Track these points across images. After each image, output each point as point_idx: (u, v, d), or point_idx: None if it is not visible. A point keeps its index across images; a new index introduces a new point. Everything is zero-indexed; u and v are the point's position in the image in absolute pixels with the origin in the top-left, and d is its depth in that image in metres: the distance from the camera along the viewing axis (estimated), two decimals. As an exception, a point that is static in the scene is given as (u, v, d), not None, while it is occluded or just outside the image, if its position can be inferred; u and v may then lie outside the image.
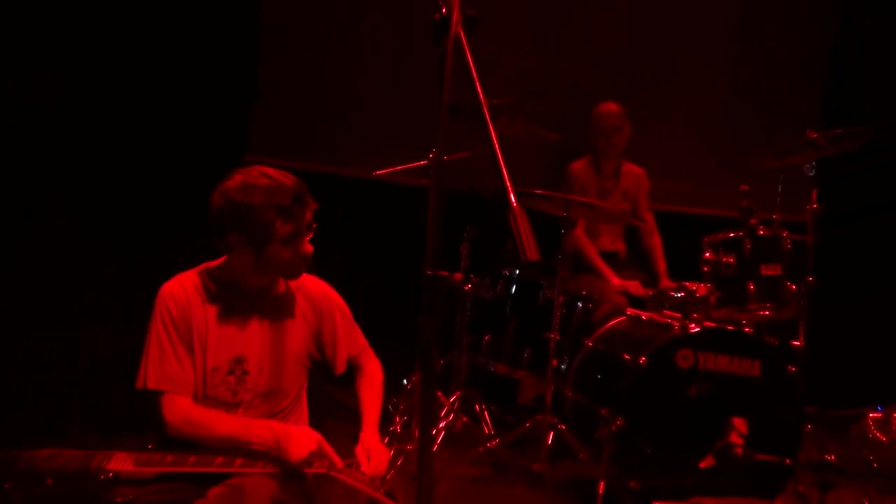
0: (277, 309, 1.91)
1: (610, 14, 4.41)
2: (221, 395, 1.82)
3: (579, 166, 3.77)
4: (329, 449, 1.72)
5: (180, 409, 1.75)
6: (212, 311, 1.83)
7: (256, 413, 1.85)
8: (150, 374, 1.76)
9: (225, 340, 1.83)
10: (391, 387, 3.60)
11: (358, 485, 1.69)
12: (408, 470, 2.84)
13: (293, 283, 1.95)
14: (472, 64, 1.19)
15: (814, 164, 3.20)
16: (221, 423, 1.75)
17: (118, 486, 1.61)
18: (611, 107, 3.72)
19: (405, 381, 3.52)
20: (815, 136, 3.08)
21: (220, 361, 1.82)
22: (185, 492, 1.66)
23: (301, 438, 1.70)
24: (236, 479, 1.64)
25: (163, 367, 1.76)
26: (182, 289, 1.82)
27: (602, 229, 3.83)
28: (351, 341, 2.04)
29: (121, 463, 1.63)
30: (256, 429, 1.73)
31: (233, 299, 1.86)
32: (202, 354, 1.80)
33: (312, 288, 1.99)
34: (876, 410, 3.51)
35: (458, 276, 1.09)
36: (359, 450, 1.82)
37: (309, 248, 1.85)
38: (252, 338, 1.86)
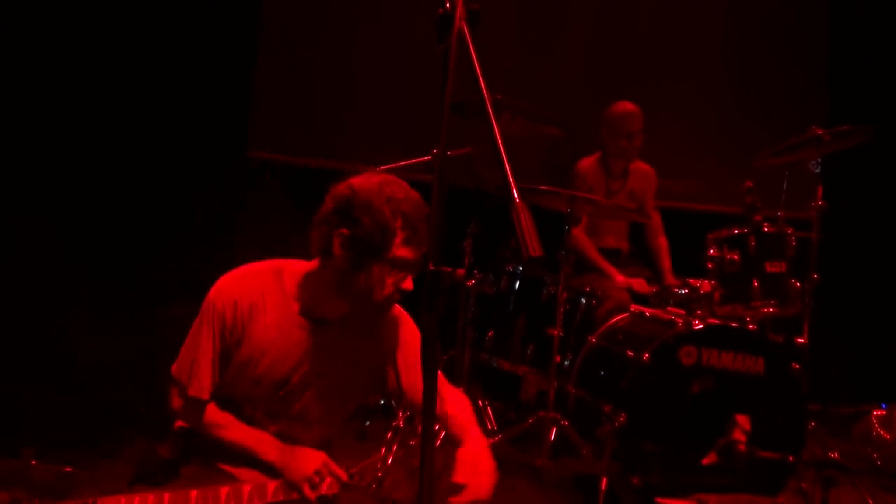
0: (348, 338, 1.69)
1: (612, 10, 4.41)
2: (262, 409, 1.69)
3: (587, 165, 3.72)
4: (336, 468, 1.66)
5: (199, 409, 1.66)
6: (274, 329, 1.63)
7: (292, 433, 1.72)
8: (182, 363, 1.64)
9: (278, 361, 1.64)
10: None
11: (369, 499, 1.67)
12: (410, 464, 2.84)
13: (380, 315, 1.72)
14: (475, 59, 1.18)
15: (819, 160, 3.18)
16: (237, 432, 1.66)
17: None
18: (628, 107, 3.60)
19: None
20: (820, 132, 3.06)
21: (267, 380, 1.65)
22: None
23: (305, 458, 1.64)
24: None
25: (196, 364, 1.62)
26: (248, 298, 1.61)
27: (606, 227, 3.82)
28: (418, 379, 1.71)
29: None
30: (265, 445, 1.66)
31: (299, 325, 1.65)
32: (252, 365, 1.64)
33: (395, 317, 1.75)
34: (880, 408, 3.51)
35: (461, 271, 1.08)
36: (463, 461, 1.61)
37: (409, 285, 1.59)
38: (309, 365, 1.67)
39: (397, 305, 1.74)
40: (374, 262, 1.55)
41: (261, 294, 1.62)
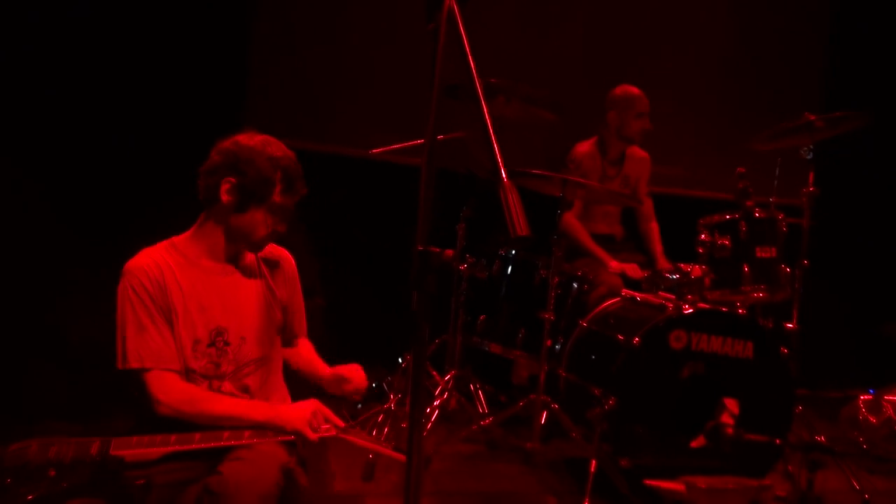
0: (252, 277, 1.90)
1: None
2: (203, 368, 1.79)
3: (584, 149, 3.71)
4: (329, 412, 1.76)
5: (174, 388, 1.72)
6: (187, 283, 1.79)
7: (243, 384, 1.84)
8: (132, 352, 1.71)
9: (204, 312, 1.80)
10: (387, 365, 3.65)
11: (367, 443, 1.74)
12: (400, 447, 2.87)
13: (257, 253, 1.94)
14: (465, 40, 1.18)
15: (811, 147, 3.19)
16: (223, 403, 1.74)
17: (126, 469, 1.58)
18: (635, 89, 3.62)
19: (399, 360, 3.53)
20: (812, 118, 3.06)
21: (200, 334, 1.79)
22: (196, 469, 1.66)
23: (296, 409, 1.74)
24: (244, 452, 1.64)
25: (146, 344, 1.71)
26: (153, 262, 1.78)
27: (598, 213, 3.82)
28: (303, 312, 2.07)
29: (124, 447, 1.59)
30: (258, 408, 1.74)
31: (205, 270, 1.83)
32: (181, 328, 1.77)
33: (277, 253, 1.99)
34: (867, 393, 3.54)
35: (450, 252, 1.09)
36: (333, 377, 1.91)
37: (282, 228, 1.86)
38: (230, 308, 1.83)
39: (285, 251, 2.01)
40: (254, 207, 1.80)
41: (164, 260, 1.80)
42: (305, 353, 2.05)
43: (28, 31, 3.25)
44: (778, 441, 2.72)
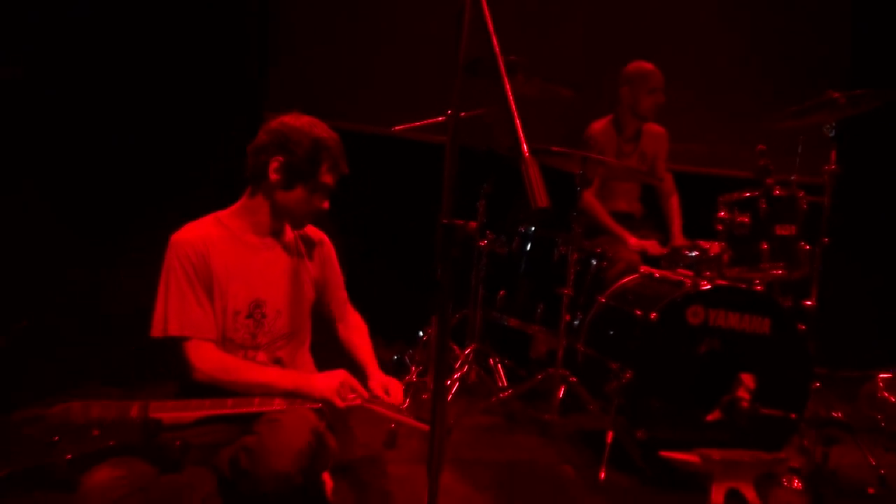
0: (290, 254, 1.99)
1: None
2: (240, 338, 1.88)
3: (599, 127, 3.73)
4: (356, 383, 1.84)
5: (211, 356, 1.80)
6: (230, 256, 1.89)
7: (276, 356, 1.93)
8: (173, 321, 1.79)
9: (244, 284, 1.89)
10: (407, 338, 3.71)
11: (391, 413, 1.82)
12: (422, 417, 2.94)
13: (299, 230, 2.05)
14: (489, 19, 1.21)
15: (833, 124, 3.16)
16: (255, 371, 1.82)
17: (163, 431, 1.66)
18: (648, 65, 3.63)
19: (420, 333, 3.60)
20: (836, 95, 3.03)
21: (240, 305, 1.87)
22: (228, 432, 1.75)
23: (325, 378, 1.82)
24: (277, 415, 1.72)
25: (186, 313, 1.80)
26: (199, 236, 1.86)
27: (618, 190, 3.83)
28: (342, 292, 2.17)
29: (162, 409, 1.68)
30: (288, 376, 1.83)
31: (248, 245, 1.92)
32: (223, 299, 1.85)
33: (316, 235, 2.10)
34: (886, 372, 3.54)
35: (473, 224, 1.13)
36: (375, 386, 1.93)
37: (326, 205, 1.96)
38: (269, 282, 1.92)
39: (323, 234, 2.11)
40: (301, 185, 1.90)
41: (208, 233, 1.89)
42: (361, 344, 2.12)
43: (28, 30, 3.27)
44: (793, 416, 2.75)
